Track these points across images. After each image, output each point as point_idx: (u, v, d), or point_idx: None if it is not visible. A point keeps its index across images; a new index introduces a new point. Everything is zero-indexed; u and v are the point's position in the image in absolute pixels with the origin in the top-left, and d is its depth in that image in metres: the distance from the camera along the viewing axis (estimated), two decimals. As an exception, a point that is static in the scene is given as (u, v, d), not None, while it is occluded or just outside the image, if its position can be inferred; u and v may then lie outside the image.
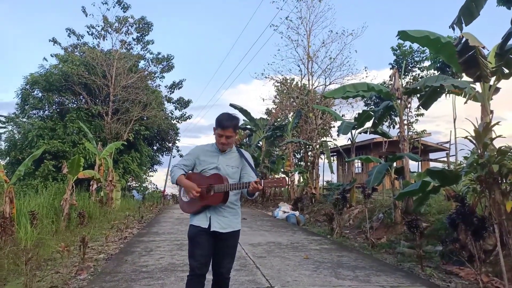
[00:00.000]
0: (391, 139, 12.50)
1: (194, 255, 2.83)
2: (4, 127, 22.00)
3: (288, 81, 21.08)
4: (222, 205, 2.84)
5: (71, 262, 5.58)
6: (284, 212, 12.91)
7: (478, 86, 6.27)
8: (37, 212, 7.62)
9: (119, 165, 21.40)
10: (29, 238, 6.32)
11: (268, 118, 23.73)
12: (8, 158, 20.53)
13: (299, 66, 18.56)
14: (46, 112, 22.48)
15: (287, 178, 21.77)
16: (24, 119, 22.21)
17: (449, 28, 6.04)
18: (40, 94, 21.76)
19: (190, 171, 2.99)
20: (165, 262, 5.57)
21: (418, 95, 8.90)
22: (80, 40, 24.82)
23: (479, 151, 4.71)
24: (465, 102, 6.58)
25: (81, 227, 8.84)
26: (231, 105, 22.20)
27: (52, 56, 23.93)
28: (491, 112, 5.99)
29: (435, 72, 16.89)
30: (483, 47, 5.34)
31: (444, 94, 7.96)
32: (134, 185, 27.27)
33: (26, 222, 6.95)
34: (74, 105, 22.63)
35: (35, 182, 17.56)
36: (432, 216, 7.43)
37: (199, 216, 2.87)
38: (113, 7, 23.71)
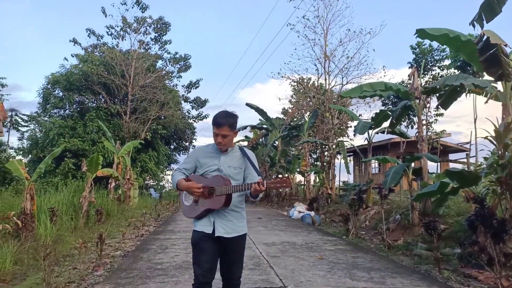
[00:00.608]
0: (409, 140, 12.31)
1: (199, 262, 2.69)
2: (27, 126, 22.64)
3: (305, 80, 20.98)
4: (225, 209, 2.70)
5: (89, 258, 5.69)
6: (300, 212, 12.86)
7: (499, 85, 6.10)
8: (56, 209, 7.81)
9: (137, 164, 21.71)
10: (48, 234, 6.48)
11: (284, 117, 23.65)
12: (30, 156, 21.08)
13: (315, 65, 18.46)
14: (67, 111, 22.99)
15: (300, 176, 21.48)
16: (46, 118, 22.80)
17: (470, 25, 5.90)
18: (61, 94, 22.27)
19: (192, 174, 2.87)
20: (179, 260, 5.62)
21: (438, 94, 8.72)
22: (99, 40, 25.28)
23: (499, 152, 4.59)
24: (486, 102, 6.41)
25: (99, 224, 9.00)
26: (247, 104, 22.24)
27: (72, 56, 24.46)
28: (513, 112, 5.82)
29: (456, 71, 16.51)
30: (505, 45, 5.20)
31: (464, 94, 7.78)
32: (151, 183, 27.65)
33: (46, 219, 7.13)
34: (94, 104, 23.09)
35: (56, 180, 17.96)
36: (451, 218, 7.28)
37: (203, 221, 2.73)
38: (132, 7, 24.08)
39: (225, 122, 2.69)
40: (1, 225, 5.69)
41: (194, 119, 29.28)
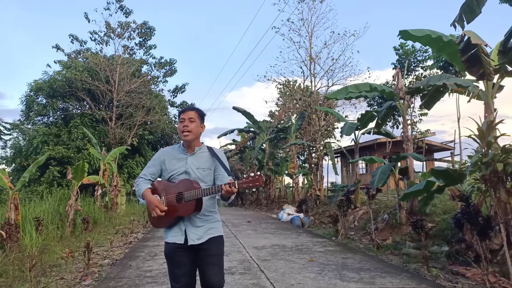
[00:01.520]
0: (395, 139, 12.45)
1: (174, 276, 2.50)
2: (10, 134, 22.19)
3: (291, 83, 21.08)
4: (196, 214, 2.49)
5: (76, 268, 5.59)
6: (289, 214, 12.88)
7: (481, 84, 6.22)
8: (42, 218, 7.66)
9: (123, 170, 21.47)
10: (34, 244, 6.35)
11: (271, 120, 23.69)
12: (13, 164, 20.68)
13: (301, 67, 18.51)
14: (51, 118, 22.65)
15: (288, 179, 21.58)
16: (29, 126, 22.41)
17: (451, 26, 6.02)
18: (44, 101, 21.92)
19: (157, 180, 2.67)
20: (169, 266, 5.55)
21: (421, 94, 8.85)
22: (83, 46, 25.04)
23: (483, 150, 4.68)
24: (469, 101, 6.54)
25: (86, 233, 8.85)
26: (234, 108, 22.22)
27: (55, 62, 24.16)
28: (495, 110, 5.94)
29: (438, 71, 16.83)
30: (486, 45, 5.30)
31: (447, 93, 7.91)
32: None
33: (31, 229, 6.99)
34: (78, 111, 22.78)
35: (40, 188, 17.66)
36: (438, 216, 7.37)
37: (173, 231, 2.53)
38: (115, 12, 23.94)
39: (192, 108, 2.63)
40: (-16, 237, 5.55)
41: (181, 123, 29.13)
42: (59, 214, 9.22)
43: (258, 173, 2.34)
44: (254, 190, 20.62)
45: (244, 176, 2.37)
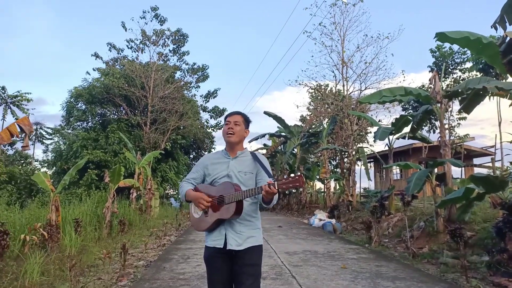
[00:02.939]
0: (431, 144, 12.05)
1: (212, 281, 2.54)
2: (51, 139, 23.30)
3: (323, 87, 20.91)
4: (237, 217, 2.46)
5: (113, 268, 5.78)
6: (320, 220, 12.73)
7: (524, 87, 5.95)
8: (81, 219, 7.97)
9: (157, 174, 21.99)
10: (73, 245, 6.61)
11: (302, 125, 23.58)
12: (54, 168, 21.66)
13: (333, 71, 18.35)
14: (89, 123, 23.60)
15: (320, 184, 21.33)
16: (69, 131, 23.45)
17: (491, 27, 5.79)
18: (83, 107, 22.91)
19: (199, 184, 2.69)
20: (201, 269, 5.63)
21: (460, 98, 8.54)
22: (120, 53, 25.96)
23: (527, 156, 4.45)
24: (511, 105, 6.25)
25: (122, 234, 9.13)
26: (265, 112, 22.28)
27: (94, 70, 25.20)
28: (540, 114, 5.65)
29: (478, 73, 16.17)
30: (529, 46, 5.06)
31: (487, 97, 7.60)
32: (171, 193, 27.91)
33: (71, 230, 7.27)
34: (115, 116, 23.62)
35: (79, 191, 18.36)
36: (477, 225, 7.06)
37: (214, 235, 2.55)
38: (151, 20, 24.75)
39: (238, 113, 2.68)
40: (29, 237, 5.84)
41: (212, 128, 29.54)
42: (96, 216, 9.57)
43: (299, 173, 2.31)
44: (294, 191, 20.53)
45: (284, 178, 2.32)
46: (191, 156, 30.18)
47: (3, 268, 4.86)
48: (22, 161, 33.11)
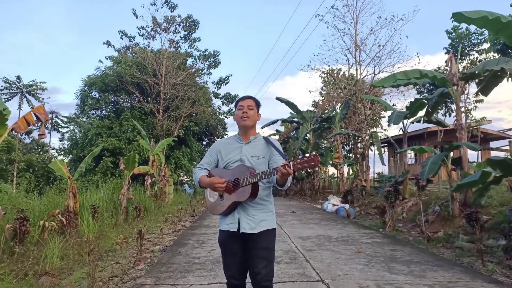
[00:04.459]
0: (447, 128, 11.85)
1: (227, 264, 2.60)
2: (66, 127, 23.65)
3: (335, 71, 20.66)
4: (252, 200, 2.49)
5: (130, 253, 5.90)
6: (334, 205, 12.73)
7: (545, 68, 5.76)
8: (98, 206, 8.13)
9: (171, 161, 22.20)
10: (91, 231, 6.75)
11: (315, 110, 23.41)
12: (70, 155, 22.05)
13: (346, 55, 18.18)
14: (103, 111, 23.86)
15: (333, 169, 21.26)
16: (84, 119, 23.76)
17: (511, 6, 5.59)
18: (97, 95, 23.13)
19: (213, 168, 2.72)
20: (216, 254, 5.71)
21: (477, 80, 8.35)
22: (131, 41, 26.03)
23: (547, 138, 4.33)
24: (530, 86, 6.07)
25: (138, 220, 9.30)
26: (278, 98, 22.16)
27: (106, 58, 25.32)
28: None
29: (495, 54, 15.73)
30: (551, 25, 4.88)
31: (505, 78, 7.40)
32: (185, 179, 28.21)
33: (88, 216, 7.43)
34: (128, 104, 23.81)
35: (95, 178, 18.68)
36: (494, 209, 6.97)
37: (228, 219, 2.58)
38: (161, 7, 24.65)
39: (250, 97, 2.69)
40: (48, 223, 5.98)
41: (225, 114, 29.56)
42: (113, 202, 9.75)
43: (314, 153, 2.30)
44: (309, 172, 20.47)
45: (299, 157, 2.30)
46: (204, 143, 30.34)
47: (25, 253, 5.00)
48: (39, 150, 33.84)
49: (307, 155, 2.26)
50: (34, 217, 6.57)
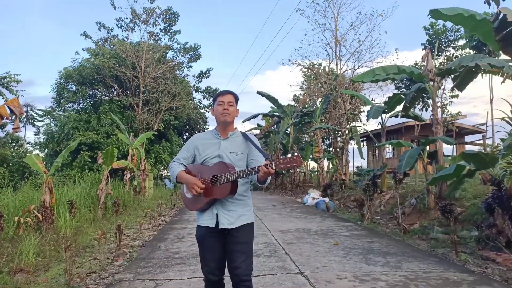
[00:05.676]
0: (424, 123, 12.15)
1: (205, 260, 2.58)
2: (42, 121, 23.01)
3: (316, 66, 20.78)
4: (231, 197, 2.47)
5: (108, 248, 5.82)
6: (314, 198, 12.88)
7: (516, 64, 5.95)
8: (75, 201, 7.97)
9: (150, 155, 21.93)
10: (68, 226, 6.64)
11: (296, 104, 23.51)
12: (46, 150, 21.48)
13: (326, 50, 18.39)
14: (81, 105, 23.27)
15: (313, 163, 21.48)
16: (60, 112, 23.13)
17: (485, 3, 5.73)
18: (74, 88, 22.53)
19: (190, 164, 2.67)
20: (196, 248, 5.61)
21: (453, 76, 8.55)
22: (110, 33, 25.38)
23: (517, 133, 4.50)
24: (503, 82, 6.29)
25: (117, 215, 9.17)
26: (258, 92, 22.14)
27: (84, 50, 24.66)
28: (531, 91, 5.67)
29: (471, 51, 16.13)
30: (523, 23, 5.03)
31: (480, 74, 7.61)
32: (165, 174, 27.94)
33: (65, 211, 7.29)
34: (107, 97, 23.31)
35: (73, 173, 18.29)
36: (467, 201, 7.20)
37: (206, 214, 2.55)
38: (140, -1, 24.07)
39: (230, 92, 2.64)
40: (23, 218, 5.84)
41: (205, 108, 29.34)
42: (91, 198, 9.58)
43: (296, 153, 2.31)
44: (291, 171, 20.60)
45: (281, 158, 2.31)
46: (185, 137, 30.07)
47: (-2, 250, 4.88)
48: (14, 144, 32.81)
49: (289, 155, 2.28)
50: (8, 213, 6.41)
